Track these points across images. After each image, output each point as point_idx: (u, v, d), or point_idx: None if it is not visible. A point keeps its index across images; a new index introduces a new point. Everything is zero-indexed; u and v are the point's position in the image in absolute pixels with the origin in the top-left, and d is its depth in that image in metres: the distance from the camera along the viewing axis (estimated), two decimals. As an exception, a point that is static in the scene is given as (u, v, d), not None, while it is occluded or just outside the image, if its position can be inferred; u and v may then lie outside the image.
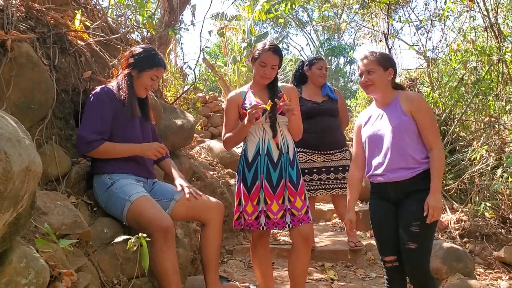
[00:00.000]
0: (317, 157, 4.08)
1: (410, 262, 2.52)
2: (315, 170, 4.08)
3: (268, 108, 2.73)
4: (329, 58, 20.99)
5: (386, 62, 2.63)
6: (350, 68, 23.46)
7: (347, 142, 4.39)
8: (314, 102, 4.07)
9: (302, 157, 4.04)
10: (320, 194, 4.15)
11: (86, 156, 2.85)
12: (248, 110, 2.69)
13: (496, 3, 5.69)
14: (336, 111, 4.16)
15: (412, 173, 2.53)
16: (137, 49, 2.87)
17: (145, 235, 2.19)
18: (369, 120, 2.72)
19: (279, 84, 2.96)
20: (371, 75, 2.60)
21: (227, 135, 2.91)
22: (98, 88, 2.76)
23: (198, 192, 2.82)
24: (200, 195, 2.80)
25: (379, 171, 2.61)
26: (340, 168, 4.11)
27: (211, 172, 5.07)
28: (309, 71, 4.21)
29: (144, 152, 2.76)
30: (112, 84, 2.81)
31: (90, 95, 2.74)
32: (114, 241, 2.27)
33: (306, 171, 4.03)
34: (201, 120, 7.57)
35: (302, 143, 3.95)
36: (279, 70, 2.92)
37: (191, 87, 6.20)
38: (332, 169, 4.10)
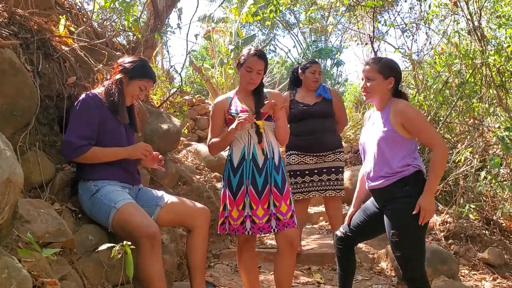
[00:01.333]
0: (309, 159, 4.04)
1: (400, 268, 2.60)
2: (307, 172, 4.03)
3: (260, 124, 2.77)
4: (316, 60, 21.08)
5: (387, 70, 2.63)
6: (337, 70, 23.57)
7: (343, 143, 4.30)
8: (305, 105, 4.05)
9: (294, 159, 4.04)
10: (313, 196, 4.09)
11: (72, 161, 2.83)
12: (238, 118, 2.69)
13: (479, 7, 5.76)
14: (329, 112, 4.09)
15: (387, 180, 2.56)
16: (132, 57, 2.89)
17: (129, 242, 2.18)
18: (365, 126, 2.78)
19: (265, 90, 2.97)
20: (369, 82, 2.63)
21: (213, 140, 2.92)
22: (83, 94, 2.74)
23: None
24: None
25: (366, 178, 2.69)
26: (333, 170, 4.05)
27: (198, 176, 5.05)
28: (303, 75, 4.18)
29: (132, 154, 2.74)
30: (98, 90, 2.80)
31: (77, 101, 2.72)
32: (99, 249, 2.25)
33: (298, 173, 4.02)
34: (188, 123, 7.56)
35: (294, 146, 3.99)
36: (266, 73, 2.94)
37: (178, 91, 6.18)
38: (324, 170, 4.04)
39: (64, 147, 2.63)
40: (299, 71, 4.23)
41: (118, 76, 2.78)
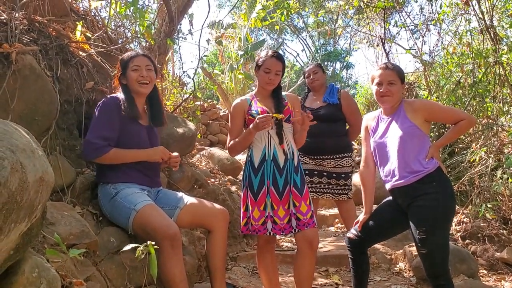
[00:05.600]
0: (308, 160, 4.03)
1: (424, 265, 2.60)
2: (306, 172, 3.96)
3: (279, 118, 2.81)
4: (325, 63, 21.09)
5: (403, 76, 2.72)
6: (346, 73, 23.58)
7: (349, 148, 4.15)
8: (309, 109, 4.01)
9: None
10: (310, 197, 4.05)
11: (93, 162, 2.85)
12: (258, 118, 2.71)
13: (491, 6, 5.73)
14: (334, 116, 4.02)
15: (415, 177, 2.57)
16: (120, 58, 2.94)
17: (153, 242, 2.19)
18: (377, 128, 2.79)
19: (283, 93, 3.00)
20: (391, 86, 2.66)
21: (232, 141, 2.94)
22: (107, 97, 2.77)
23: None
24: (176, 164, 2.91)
25: (388, 178, 2.70)
26: (334, 175, 4.00)
27: (212, 180, 5.09)
28: (306, 80, 4.23)
29: (151, 157, 2.77)
30: (119, 94, 2.82)
31: (99, 103, 2.76)
32: (122, 249, 2.27)
33: None
34: (200, 128, 7.59)
35: None
36: (283, 75, 2.98)
37: (191, 96, 6.22)
38: (325, 174, 4.02)
39: (85, 147, 2.64)
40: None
41: (119, 82, 2.86)
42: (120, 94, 2.79)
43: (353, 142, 4.45)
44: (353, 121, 4.15)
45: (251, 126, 2.78)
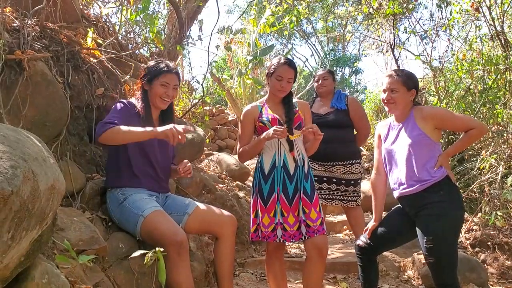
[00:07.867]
0: (318, 166, 4.02)
1: (432, 274, 2.59)
2: (316, 179, 3.92)
3: (292, 138, 2.81)
4: (334, 68, 21.07)
5: (410, 82, 2.71)
6: (355, 79, 23.54)
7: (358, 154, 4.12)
8: (316, 115, 4.01)
9: None
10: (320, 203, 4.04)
11: (102, 144, 2.70)
12: (273, 130, 2.70)
13: (502, 12, 5.70)
14: (342, 121, 4.01)
15: (422, 185, 2.57)
16: (149, 63, 2.91)
17: (161, 249, 2.20)
18: (388, 135, 2.79)
19: (293, 99, 3.01)
20: (394, 94, 2.69)
21: (243, 148, 2.95)
22: (127, 99, 2.78)
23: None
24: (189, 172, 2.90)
25: (396, 185, 2.70)
26: (343, 182, 3.98)
27: (221, 185, 5.09)
28: (315, 84, 4.23)
29: (159, 134, 2.52)
30: (134, 101, 2.83)
31: (120, 100, 2.78)
32: (131, 256, 2.28)
33: None
34: (209, 133, 7.61)
35: None
36: (295, 81, 2.99)
37: (200, 101, 6.25)
38: (334, 180, 4.00)
39: (96, 128, 2.55)
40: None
41: (140, 85, 2.84)
42: (134, 100, 2.81)
43: (361, 148, 4.42)
44: (360, 127, 4.14)
45: (263, 134, 2.79)
